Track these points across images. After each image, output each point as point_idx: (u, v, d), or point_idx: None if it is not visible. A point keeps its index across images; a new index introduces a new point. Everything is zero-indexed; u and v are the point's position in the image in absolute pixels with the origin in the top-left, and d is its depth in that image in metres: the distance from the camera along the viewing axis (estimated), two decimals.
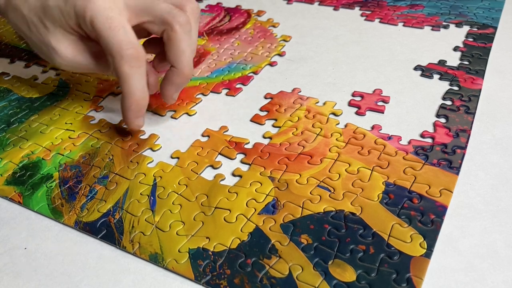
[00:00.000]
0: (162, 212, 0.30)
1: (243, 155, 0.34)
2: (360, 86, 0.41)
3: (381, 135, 0.35)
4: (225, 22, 0.55)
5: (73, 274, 0.27)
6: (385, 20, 0.52)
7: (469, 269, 0.25)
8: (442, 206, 0.29)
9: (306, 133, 0.36)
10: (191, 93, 0.42)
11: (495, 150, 0.33)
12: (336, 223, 0.28)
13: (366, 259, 0.26)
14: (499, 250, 0.26)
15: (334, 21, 0.53)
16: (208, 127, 0.38)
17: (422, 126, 0.36)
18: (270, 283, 0.25)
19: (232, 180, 0.32)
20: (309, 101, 0.40)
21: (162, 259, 0.27)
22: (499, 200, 0.29)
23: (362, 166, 0.32)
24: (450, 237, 0.27)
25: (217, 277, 0.26)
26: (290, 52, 0.48)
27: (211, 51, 0.49)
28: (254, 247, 0.27)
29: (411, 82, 0.41)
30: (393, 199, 0.30)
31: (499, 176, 0.31)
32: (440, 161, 0.32)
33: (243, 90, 0.42)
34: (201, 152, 0.35)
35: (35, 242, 0.29)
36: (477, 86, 0.40)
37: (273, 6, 0.58)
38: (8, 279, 0.27)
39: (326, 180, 0.31)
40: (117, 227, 0.29)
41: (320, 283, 0.25)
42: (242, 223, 0.29)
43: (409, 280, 0.25)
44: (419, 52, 0.46)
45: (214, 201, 0.31)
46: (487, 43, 0.46)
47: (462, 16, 0.51)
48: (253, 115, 0.39)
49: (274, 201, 0.30)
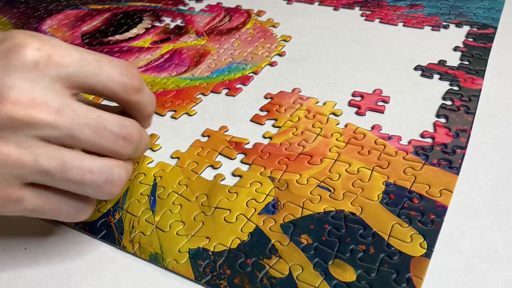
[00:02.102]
0: (162, 212, 0.30)
1: (243, 155, 0.34)
2: (360, 86, 0.41)
3: (381, 135, 0.35)
4: (225, 22, 0.55)
5: (73, 274, 0.27)
6: (385, 20, 0.52)
7: (469, 269, 0.25)
8: (442, 206, 0.29)
9: (306, 133, 0.36)
10: (191, 93, 0.42)
11: (495, 150, 0.33)
12: (336, 223, 0.28)
13: (366, 259, 0.26)
14: (499, 250, 0.26)
15: (334, 21, 0.53)
16: (208, 127, 0.38)
17: (422, 126, 0.36)
18: (270, 283, 0.25)
19: (232, 180, 0.32)
20: (309, 101, 0.40)
21: (162, 259, 0.27)
22: (499, 200, 0.29)
23: (362, 166, 0.32)
24: (450, 237, 0.27)
25: (217, 277, 0.26)
26: (290, 52, 0.48)
27: (211, 51, 0.49)
28: (254, 247, 0.27)
29: (411, 82, 0.41)
30: (393, 199, 0.30)
31: (499, 176, 0.31)
32: (440, 161, 0.32)
33: (243, 90, 0.42)
34: (201, 152, 0.35)
35: (35, 242, 0.29)
36: (477, 86, 0.40)
37: (273, 6, 0.58)
38: (8, 279, 0.27)
39: (326, 180, 0.31)
40: (117, 227, 0.29)
41: (320, 283, 0.25)
42: (242, 223, 0.29)
43: (409, 280, 0.25)
44: (419, 52, 0.46)
45: (214, 201, 0.31)
46: (487, 43, 0.46)
47: (462, 16, 0.51)
48: (253, 115, 0.39)
49: (274, 201, 0.30)
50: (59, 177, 0.23)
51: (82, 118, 0.23)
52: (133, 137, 0.25)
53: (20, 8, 0.62)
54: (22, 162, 0.22)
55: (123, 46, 0.51)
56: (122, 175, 0.25)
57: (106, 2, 0.62)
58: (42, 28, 0.56)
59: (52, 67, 0.23)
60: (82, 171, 0.23)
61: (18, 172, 0.22)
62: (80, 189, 0.24)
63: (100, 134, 0.24)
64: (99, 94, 0.25)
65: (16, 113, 0.21)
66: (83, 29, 0.55)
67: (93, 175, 0.24)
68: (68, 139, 0.23)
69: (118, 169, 0.25)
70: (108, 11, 0.60)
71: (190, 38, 0.52)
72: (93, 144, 0.24)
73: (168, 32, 0.53)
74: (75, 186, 0.24)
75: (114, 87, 0.25)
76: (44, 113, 0.22)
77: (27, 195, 0.23)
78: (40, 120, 0.22)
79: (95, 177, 0.24)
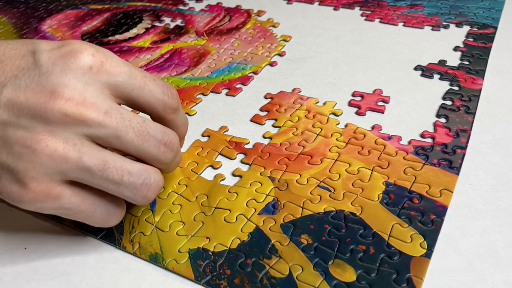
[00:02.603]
0: (162, 212, 0.30)
1: (243, 155, 0.34)
2: (360, 86, 0.41)
3: (381, 135, 0.35)
4: (225, 22, 0.55)
5: (73, 274, 0.27)
6: (385, 20, 0.52)
7: (469, 269, 0.25)
8: (442, 206, 0.29)
9: (306, 133, 0.36)
10: (191, 93, 0.42)
11: (495, 150, 0.33)
12: (336, 223, 0.28)
13: (366, 259, 0.26)
14: (499, 250, 0.26)
15: (334, 21, 0.53)
16: (208, 127, 0.38)
17: (422, 126, 0.36)
18: (270, 283, 0.25)
19: (232, 180, 0.32)
20: (309, 101, 0.40)
21: (162, 259, 0.27)
22: (499, 200, 0.29)
23: (362, 166, 0.32)
24: (450, 237, 0.27)
25: (217, 277, 0.26)
26: (290, 52, 0.48)
27: (211, 51, 0.49)
28: (254, 247, 0.27)
29: (411, 82, 0.41)
30: (393, 199, 0.30)
31: (499, 176, 0.31)
32: (440, 161, 0.32)
33: (243, 90, 0.42)
34: (201, 152, 0.35)
35: (35, 242, 0.29)
36: (477, 86, 0.40)
37: (273, 6, 0.58)
38: (8, 279, 0.27)
39: (326, 180, 0.31)
40: (117, 227, 0.29)
41: (320, 283, 0.25)
42: (242, 223, 0.29)
43: (409, 280, 0.25)
44: (419, 52, 0.46)
45: (214, 201, 0.31)
46: (487, 43, 0.46)
47: (462, 16, 0.51)
48: (253, 115, 0.39)
49: (274, 201, 0.30)
50: (99, 175, 0.24)
51: (127, 121, 0.25)
52: (174, 144, 0.27)
53: (20, 8, 0.62)
54: (67, 158, 0.23)
55: (123, 46, 0.51)
56: (159, 180, 0.26)
57: (106, 2, 0.62)
58: (42, 28, 0.56)
59: (104, 73, 0.25)
60: (122, 171, 0.25)
61: (62, 168, 0.24)
62: (117, 189, 0.25)
63: (144, 138, 0.25)
64: (139, 108, 0.27)
65: (68, 109, 0.23)
66: (83, 29, 0.55)
67: (131, 176, 0.25)
68: (114, 139, 0.24)
69: (155, 174, 0.26)
70: (108, 11, 0.59)
71: (190, 38, 0.52)
72: (137, 147, 0.25)
73: (168, 32, 0.53)
74: (113, 186, 0.25)
75: (155, 103, 0.27)
76: (94, 112, 0.24)
77: (66, 192, 0.24)
78: (90, 119, 0.24)
79: (133, 178, 0.25)
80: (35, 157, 0.23)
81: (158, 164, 0.27)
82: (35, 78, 0.24)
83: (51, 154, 0.23)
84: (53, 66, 0.24)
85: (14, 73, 0.24)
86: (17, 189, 0.24)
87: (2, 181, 0.24)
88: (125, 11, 0.59)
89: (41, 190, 0.24)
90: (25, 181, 0.23)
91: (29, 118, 0.23)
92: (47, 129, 0.23)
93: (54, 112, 0.23)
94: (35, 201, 0.24)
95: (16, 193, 0.24)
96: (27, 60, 0.25)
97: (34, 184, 0.23)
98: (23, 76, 0.24)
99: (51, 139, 0.23)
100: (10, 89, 0.24)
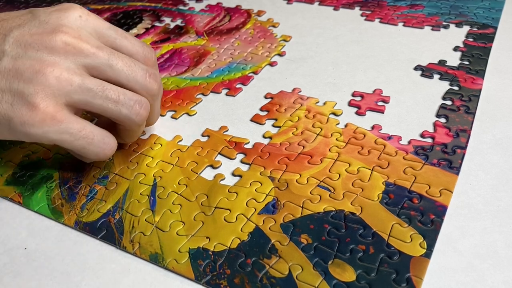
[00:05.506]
0: (162, 212, 0.30)
1: (243, 155, 0.34)
2: (360, 86, 0.41)
3: (381, 135, 0.35)
4: (225, 22, 0.55)
5: (73, 274, 0.27)
6: (385, 20, 0.52)
7: (469, 269, 0.25)
8: (442, 206, 0.29)
9: (306, 133, 0.36)
10: (191, 93, 0.42)
11: (495, 150, 0.33)
12: (336, 223, 0.28)
13: (366, 259, 0.26)
14: (499, 250, 0.26)
15: (334, 21, 0.53)
16: (208, 127, 0.38)
17: (422, 126, 0.36)
18: (270, 283, 0.25)
19: (232, 180, 0.32)
20: (309, 101, 0.40)
21: (162, 259, 0.27)
22: (499, 200, 0.29)
23: (362, 166, 0.32)
24: (450, 237, 0.27)
25: (217, 277, 0.26)
26: (290, 52, 0.48)
27: (211, 51, 0.49)
28: (254, 247, 0.27)
29: (411, 82, 0.41)
30: (393, 199, 0.30)
31: (499, 176, 0.31)
32: (440, 161, 0.32)
33: (243, 90, 0.42)
34: (201, 152, 0.35)
35: (35, 242, 0.29)
36: (477, 86, 0.40)
37: (273, 6, 0.58)
38: (8, 279, 0.27)
39: (326, 180, 0.31)
40: (117, 227, 0.29)
41: (320, 283, 0.25)
42: (242, 223, 0.29)
43: (409, 280, 0.25)
44: (419, 52, 0.46)
45: (214, 201, 0.31)
46: (487, 43, 0.46)
47: (462, 16, 0.51)
48: (253, 115, 0.39)
49: (274, 201, 0.30)
50: (99, 95, 0.29)
51: (116, 54, 0.30)
52: (157, 76, 0.32)
53: (20, 8, 0.62)
54: (72, 80, 0.28)
55: None
56: (148, 104, 0.32)
57: (106, 2, 0.62)
58: None
59: (91, 21, 0.31)
60: (118, 92, 0.30)
61: (67, 89, 0.28)
62: (115, 107, 0.30)
63: (132, 68, 0.31)
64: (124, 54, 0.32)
65: (68, 39, 0.29)
66: None
67: (126, 96, 0.30)
68: (107, 68, 0.30)
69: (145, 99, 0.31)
70: (108, 11, 0.60)
71: (190, 38, 0.52)
72: (127, 75, 0.30)
73: (168, 32, 0.53)
74: (112, 104, 0.30)
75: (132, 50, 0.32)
76: (89, 45, 0.29)
77: (69, 117, 0.29)
78: (86, 48, 0.29)
79: (128, 98, 0.30)
80: (44, 78, 0.28)
81: (146, 94, 0.32)
82: (36, 24, 0.29)
83: (58, 77, 0.28)
84: (50, 16, 0.30)
85: (18, 23, 0.30)
86: (27, 111, 0.27)
87: (14, 107, 0.27)
88: (125, 11, 0.59)
89: (49, 112, 0.28)
90: (35, 101, 0.27)
91: (35, 50, 0.28)
92: (52, 59, 0.28)
93: (57, 42, 0.29)
94: (43, 124, 0.27)
95: (27, 116, 0.27)
96: (27, 16, 0.30)
97: (43, 104, 0.27)
98: (26, 24, 0.29)
99: (57, 66, 0.28)
100: (16, 32, 0.29)
